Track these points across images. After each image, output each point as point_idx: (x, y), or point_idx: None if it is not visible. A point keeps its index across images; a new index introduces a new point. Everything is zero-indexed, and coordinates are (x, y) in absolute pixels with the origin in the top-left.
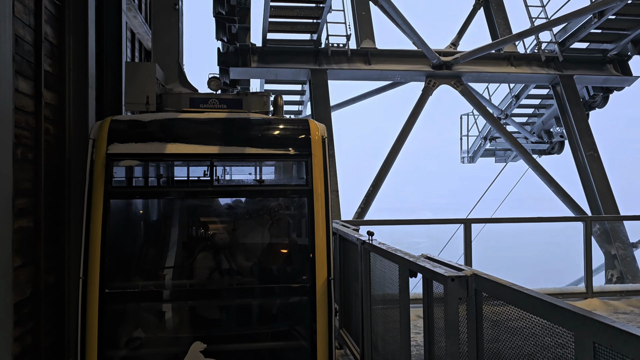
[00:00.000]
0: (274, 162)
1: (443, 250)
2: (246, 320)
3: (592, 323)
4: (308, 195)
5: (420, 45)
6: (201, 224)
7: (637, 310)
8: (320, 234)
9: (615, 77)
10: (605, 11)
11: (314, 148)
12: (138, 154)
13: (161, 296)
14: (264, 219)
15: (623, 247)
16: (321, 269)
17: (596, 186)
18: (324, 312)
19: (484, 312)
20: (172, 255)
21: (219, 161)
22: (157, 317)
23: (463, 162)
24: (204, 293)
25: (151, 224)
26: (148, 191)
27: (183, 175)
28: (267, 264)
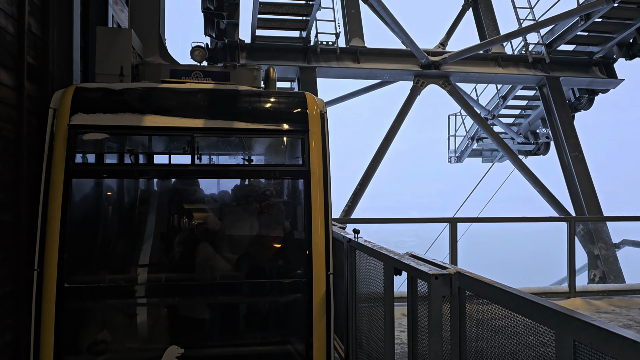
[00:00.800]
0: (265, 140)
1: (430, 249)
2: (230, 321)
3: (572, 321)
4: (305, 177)
5: (409, 44)
6: (180, 210)
7: (618, 309)
8: (318, 221)
9: (600, 79)
10: (592, 14)
11: (311, 124)
12: (106, 126)
13: (132, 292)
14: (253, 205)
15: (606, 248)
16: (319, 262)
17: (580, 187)
18: (322, 312)
19: (468, 310)
20: (146, 246)
21: (202, 136)
22: (126, 317)
23: (450, 162)
24: (182, 289)
25: (121, 209)
26: (117, 170)
27: (159, 153)
28: (256, 257)
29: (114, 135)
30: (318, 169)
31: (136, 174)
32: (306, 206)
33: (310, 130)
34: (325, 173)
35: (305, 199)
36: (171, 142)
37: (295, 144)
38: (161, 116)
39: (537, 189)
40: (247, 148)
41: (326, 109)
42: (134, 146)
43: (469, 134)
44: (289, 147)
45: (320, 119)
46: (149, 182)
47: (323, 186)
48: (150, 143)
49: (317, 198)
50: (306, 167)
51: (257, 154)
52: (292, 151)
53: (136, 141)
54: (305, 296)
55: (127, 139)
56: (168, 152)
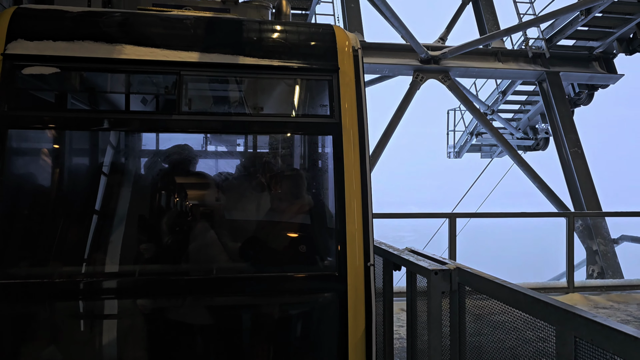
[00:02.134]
0: (278, 84)
1: (428, 244)
2: (231, 331)
3: (574, 317)
4: (334, 133)
5: (408, 39)
6: (162, 179)
7: (617, 305)
8: (354, 192)
9: (600, 74)
10: (592, 9)
11: (342, 61)
12: (56, 57)
13: (94, 291)
14: (263, 172)
15: (604, 243)
16: (355, 249)
17: (579, 182)
18: (360, 317)
19: (467, 305)
20: (110, 227)
21: (192, 75)
22: (84, 327)
23: (449, 157)
24: (161, 287)
25: (79, 176)
26: (71, 119)
27: (133, 93)
28: (268, 243)
29: (67, 72)
30: (352, 121)
31: (99, 126)
32: (337, 172)
33: (342, 69)
34: (362, 128)
35: (335, 163)
36: (150, 84)
37: (321, 89)
38: (135, 46)
39: (536, 184)
40: (253, 95)
41: (360, 45)
42: (97, 88)
43: (468, 129)
44: (311, 94)
45: (354, 56)
46: (117, 138)
47: (359, 145)
48: (119, 84)
49: (351, 161)
50: (336, 119)
51: (267, 104)
52: (315, 99)
53: (100, 81)
54: (337, 295)
55: (88, 78)
56: (145, 100)
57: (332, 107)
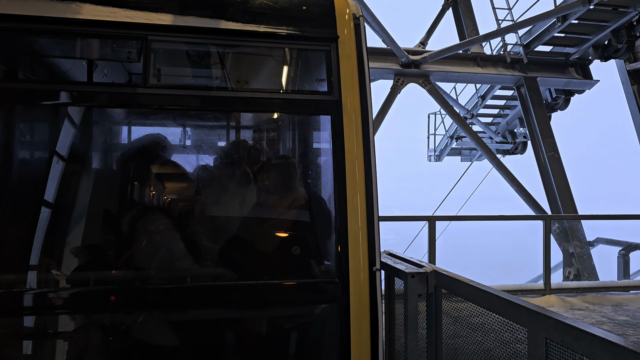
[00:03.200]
0: (266, 55)
1: (410, 246)
2: (207, 353)
3: (544, 319)
4: (333, 112)
5: (389, 43)
6: (124, 169)
7: (592, 306)
8: (356, 183)
9: (576, 80)
10: (569, 15)
11: (341, 29)
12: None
13: (38, 302)
14: (249, 160)
15: (580, 246)
16: (358, 251)
17: (556, 186)
18: (364, 333)
19: (445, 308)
20: (65, 226)
21: (161, 40)
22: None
23: (430, 160)
24: (130, 297)
25: (21, 164)
26: (7, 90)
27: (90, 70)
28: (254, 244)
29: (7, 33)
30: (354, 99)
31: (43, 100)
32: (336, 159)
33: (341, 38)
34: (365, 108)
35: (334, 148)
36: (111, 51)
37: (317, 62)
38: (94, 5)
39: (515, 188)
40: (237, 67)
41: (362, 13)
42: (46, 55)
43: (448, 133)
44: (306, 67)
45: (355, 25)
46: (67, 117)
47: (362, 128)
48: (74, 51)
49: (353, 145)
50: (335, 96)
51: (253, 78)
52: (310, 73)
53: (51, 46)
54: (337, 306)
55: (34, 42)
56: (104, 71)
57: (331, 82)
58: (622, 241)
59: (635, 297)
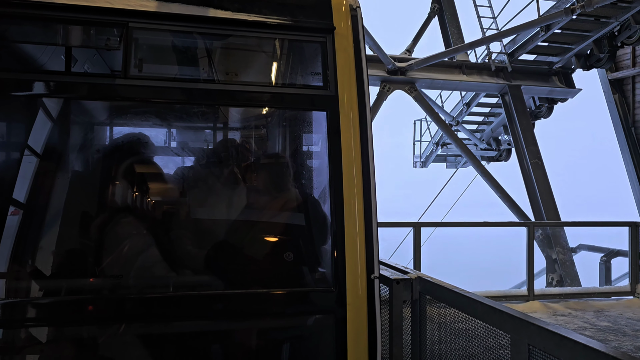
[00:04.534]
0: (257, 48)
1: (395, 253)
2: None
3: (527, 326)
4: (329, 108)
5: (375, 50)
6: (105, 168)
7: (574, 312)
8: (354, 184)
9: (559, 88)
10: (552, 25)
11: (338, 21)
12: None
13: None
14: (239, 160)
15: (563, 252)
16: (356, 257)
17: (539, 193)
18: (362, 346)
19: (430, 314)
20: (38, 230)
21: (144, 28)
22: None
23: (415, 166)
24: (106, 308)
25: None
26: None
27: (66, 59)
28: (244, 250)
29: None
30: (351, 94)
31: (13, 91)
32: (332, 158)
33: (337, 30)
34: (363, 103)
35: (330, 146)
36: (89, 39)
37: (312, 54)
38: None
39: (499, 195)
40: (226, 58)
41: (359, 4)
42: (17, 42)
43: (433, 140)
44: (300, 59)
45: (352, 17)
46: (41, 109)
47: (360, 125)
48: (47, 38)
49: (350, 143)
50: (331, 91)
51: (243, 71)
52: (305, 67)
53: (22, 32)
54: (333, 317)
55: (5, 27)
56: (81, 60)
57: (326, 76)
58: (604, 247)
59: (616, 303)
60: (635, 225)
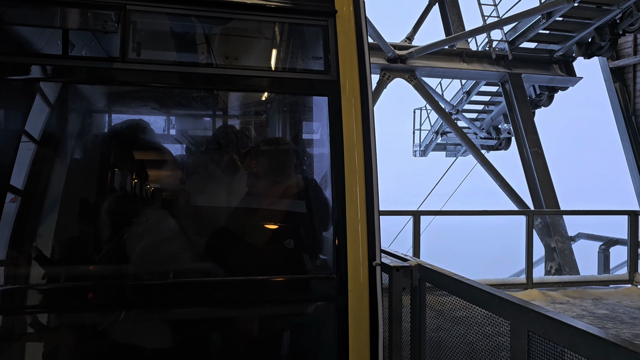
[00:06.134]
0: (260, 27)
1: (394, 241)
2: (192, 355)
3: (527, 312)
4: (330, 93)
5: (375, 38)
6: (103, 153)
7: (573, 300)
8: (356, 171)
9: (560, 77)
10: (553, 12)
11: (339, 4)
12: None
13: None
14: (239, 146)
15: (562, 240)
16: (357, 244)
17: (539, 181)
18: (363, 333)
19: (429, 302)
20: (36, 216)
21: (142, 10)
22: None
23: (415, 155)
24: (109, 294)
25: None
26: None
27: (63, 43)
28: (246, 237)
29: None
30: (353, 79)
31: (7, 75)
32: (334, 144)
33: (339, 13)
34: (365, 89)
35: (332, 132)
36: (83, 21)
37: (313, 38)
38: None
39: (498, 183)
40: (225, 41)
41: None
42: (11, 24)
43: (433, 128)
44: (300, 43)
45: (354, 0)
46: (39, 94)
47: (362, 110)
48: (43, 21)
49: (352, 129)
50: (333, 76)
51: (243, 55)
52: (306, 51)
53: (17, 15)
54: (334, 305)
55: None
56: (78, 44)
57: (328, 60)
58: (602, 236)
59: (614, 291)
60: (634, 214)
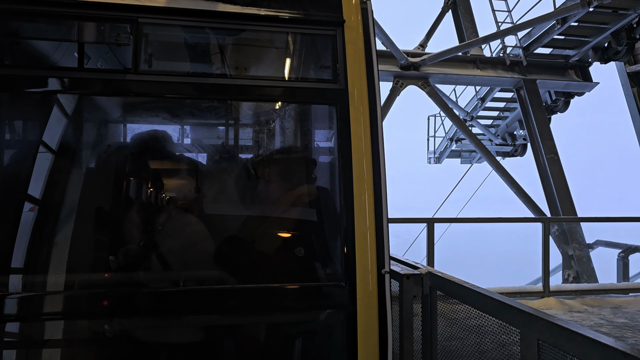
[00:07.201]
0: (267, 42)
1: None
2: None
3: (537, 320)
4: (339, 102)
5: (388, 45)
6: (115, 162)
7: (591, 308)
8: (364, 180)
9: (576, 82)
10: (568, 18)
11: (348, 13)
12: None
13: (26, 309)
14: (248, 156)
15: (579, 248)
16: (367, 252)
17: (555, 188)
18: (372, 341)
19: (441, 310)
20: (45, 223)
21: (154, 23)
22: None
23: (430, 162)
24: (117, 301)
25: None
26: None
27: (78, 55)
28: (257, 245)
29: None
30: (361, 88)
31: (25, 87)
32: (343, 153)
33: (347, 23)
34: (374, 98)
35: (341, 141)
36: (97, 35)
37: (321, 48)
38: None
39: (514, 190)
40: (235, 52)
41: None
42: (30, 38)
43: (448, 135)
44: (309, 53)
45: (362, 9)
46: (54, 104)
47: (371, 119)
48: (60, 34)
49: (361, 138)
50: (341, 85)
51: (253, 65)
52: (314, 60)
53: (34, 29)
54: (343, 312)
55: (17, 24)
56: (92, 56)
57: (336, 69)
58: (621, 243)
59: (634, 300)
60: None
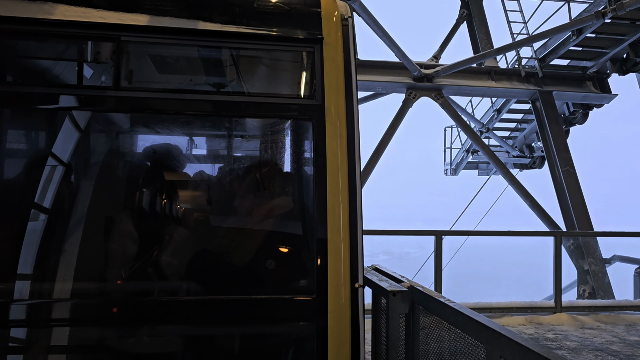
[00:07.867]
0: (246, 58)
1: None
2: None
3: (498, 337)
4: (315, 117)
5: (401, 57)
6: (98, 177)
7: (604, 325)
8: (339, 192)
9: (594, 94)
10: (583, 29)
11: (327, 31)
12: None
13: (32, 316)
14: (221, 168)
15: (595, 263)
16: (339, 265)
17: (571, 201)
18: (344, 354)
19: (424, 324)
20: (38, 233)
21: (135, 41)
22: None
23: (446, 174)
24: (90, 311)
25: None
26: None
27: (60, 71)
28: (225, 257)
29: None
30: (338, 105)
31: (4, 104)
32: (317, 166)
33: (326, 40)
34: (351, 114)
35: (316, 155)
36: (79, 53)
37: (300, 64)
38: (67, 5)
39: (528, 203)
40: (214, 69)
41: (351, 14)
42: (13, 56)
43: (464, 147)
44: (287, 69)
45: (343, 26)
46: (39, 119)
47: (347, 135)
48: (44, 52)
49: (336, 152)
50: (317, 101)
51: (230, 81)
52: (292, 77)
53: (19, 47)
54: (313, 327)
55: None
56: (74, 72)
57: (313, 85)
58: (638, 259)
59: None
60: None
